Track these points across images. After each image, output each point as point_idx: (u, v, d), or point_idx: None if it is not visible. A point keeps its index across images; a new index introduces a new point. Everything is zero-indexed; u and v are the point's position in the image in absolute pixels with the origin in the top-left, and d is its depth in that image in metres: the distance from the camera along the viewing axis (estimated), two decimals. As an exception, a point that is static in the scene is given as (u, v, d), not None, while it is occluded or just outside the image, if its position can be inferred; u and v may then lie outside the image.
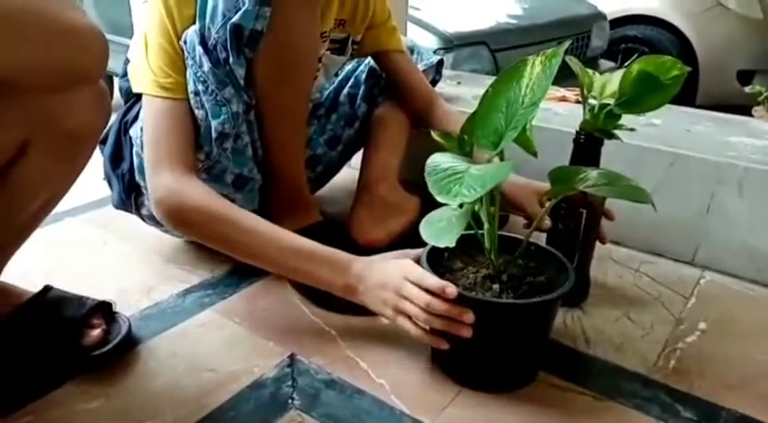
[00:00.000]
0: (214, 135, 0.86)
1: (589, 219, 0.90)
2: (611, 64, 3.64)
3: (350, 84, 1.18)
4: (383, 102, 1.16)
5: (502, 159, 0.74)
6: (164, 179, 0.83)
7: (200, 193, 0.82)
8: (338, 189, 1.33)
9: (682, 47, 3.65)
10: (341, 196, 1.30)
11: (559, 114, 1.28)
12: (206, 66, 0.84)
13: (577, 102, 1.38)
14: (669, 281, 1.04)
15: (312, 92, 1.00)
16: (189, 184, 0.83)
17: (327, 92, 1.19)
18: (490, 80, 1.66)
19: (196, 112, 0.87)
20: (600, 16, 3.23)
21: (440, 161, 0.72)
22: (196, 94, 0.86)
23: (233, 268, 1.03)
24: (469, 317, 0.71)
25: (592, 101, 0.87)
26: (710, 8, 3.62)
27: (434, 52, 1.92)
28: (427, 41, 2.52)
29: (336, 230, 1.02)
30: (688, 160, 1.07)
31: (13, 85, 0.59)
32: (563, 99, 1.39)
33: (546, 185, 0.97)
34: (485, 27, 2.71)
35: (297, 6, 0.85)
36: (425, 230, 0.73)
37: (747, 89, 3.14)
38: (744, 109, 2.93)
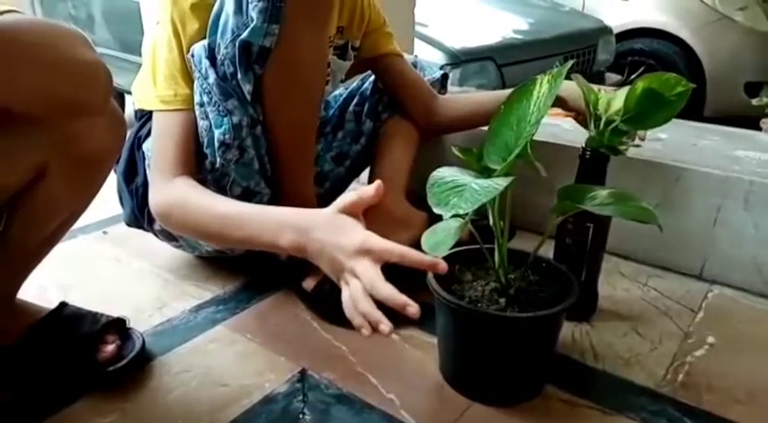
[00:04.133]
0: (216, 145, 0.89)
1: (596, 233, 0.91)
2: (618, 77, 3.66)
3: (355, 101, 1.20)
4: (389, 117, 1.18)
5: (511, 173, 0.75)
6: (159, 185, 0.87)
7: (181, 188, 0.85)
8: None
9: (688, 60, 3.66)
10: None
11: (567, 130, 1.30)
12: (211, 78, 0.87)
13: (583, 117, 1.39)
14: (677, 295, 1.05)
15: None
16: (176, 183, 0.86)
17: (333, 110, 1.21)
18: (490, 92, 1.68)
19: (201, 123, 0.90)
20: (606, 30, 3.25)
21: (444, 174, 0.73)
22: (201, 105, 0.89)
23: (244, 284, 1.05)
24: (413, 310, 0.64)
25: (597, 117, 0.88)
26: (717, 21, 3.63)
27: (441, 68, 1.93)
28: (434, 57, 2.54)
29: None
30: (694, 174, 1.07)
31: (14, 113, 0.60)
32: (569, 115, 1.40)
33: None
34: (491, 42, 2.73)
35: (305, 23, 0.87)
36: (426, 240, 0.74)
37: (755, 101, 3.14)
38: (752, 121, 2.93)
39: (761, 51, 3.61)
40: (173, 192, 0.86)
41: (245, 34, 0.84)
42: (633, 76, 4.33)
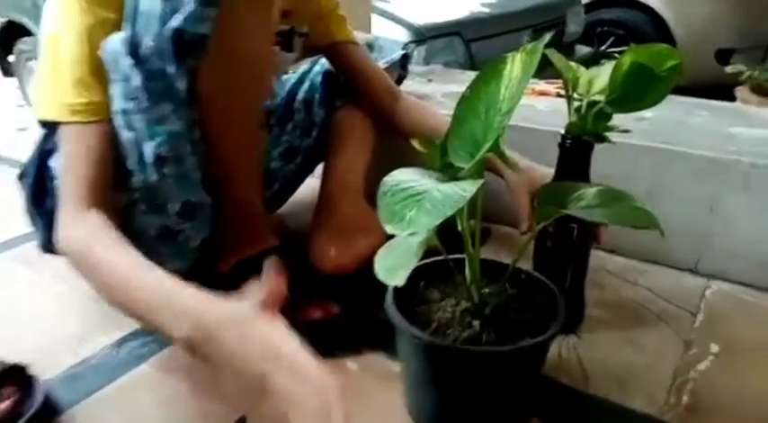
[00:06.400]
0: (150, 160, 0.73)
1: (581, 234, 0.79)
2: (588, 49, 3.56)
3: (304, 88, 1.05)
4: (343, 106, 1.03)
5: (481, 173, 0.63)
6: (67, 216, 0.70)
7: (89, 229, 0.69)
8: (300, 203, 1.20)
9: (658, 28, 3.58)
10: (303, 211, 1.17)
11: (541, 111, 1.17)
12: (137, 79, 0.71)
13: (558, 95, 1.26)
14: (671, 294, 0.93)
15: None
16: (85, 219, 0.69)
17: (279, 98, 1.06)
18: (463, 76, 1.55)
19: (125, 134, 0.73)
20: (574, 1, 3.13)
21: (399, 179, 0.59)
22: (125, 113, 0.72)
23: (179, 307, 0.90)
24: None
25: (578, 99, 0.75)
26: (686, -12, 3.56)
27: (406, 45, 1.77)
28: (397, 34, 2.40)
29: (294, 256, 0.90)
30: (687, 158, 0.95)
31: None
32: (543, 93, 1.27)
33: (549, 173, 0.85)
34: (457, 17, 2.61)
35: (247, 6, 0.74)
36: (380, 263, 0.61)
37: (729, 69, 3.05)
38: (723, 89, 2.84)
39: (731, 17, 3.55)
40: (81, 230, 0.69)
41: (176, 22, 0.69)
42: (603, 47, 4.23)
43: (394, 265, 0.58)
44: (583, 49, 3.40)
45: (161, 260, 0.83)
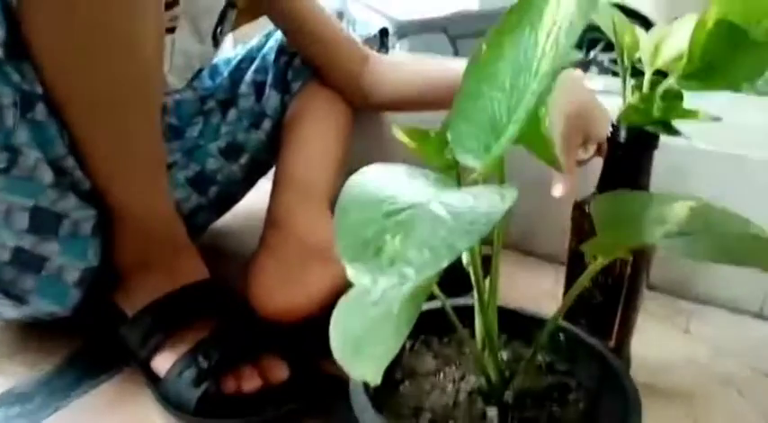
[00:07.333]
0: None
1: (636, 269, 0.55)
2: (579, 54, 3.40)
3: (254, 67, 0.81)
4: (301, 88, 0.79)
5: (503, 177, 0.40)
6: None
7: None
8: (247, 216, 0.94)
9: (650, 35, 3.48)
10: (250, 228, 0.91)
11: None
12: None
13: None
14: (735, 347, 0.70)
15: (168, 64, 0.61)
16: None
17: (221, 78, 0.81)
18: (451, 61, 1.32)
19: None
20: (567, 1, 2.97)
21: (372, 182, 0.35)
22: None
23: (67, 362, 0.64)
24: None
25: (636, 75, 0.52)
26: (679, -9, 3.44)
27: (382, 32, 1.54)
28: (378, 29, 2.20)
29: (229, 296, 0.64)
30: (756, 167, 0.73)
31: None
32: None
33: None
34: (443, 12, 2.44)
35: None
36: (337, 328, 0.36)
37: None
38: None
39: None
40: None
41: None
42: (593, 54, 4.07)
43: (360, 342, 0.33)
44: (572, 55, 3.25)
45: (27, 299, 0.58)
